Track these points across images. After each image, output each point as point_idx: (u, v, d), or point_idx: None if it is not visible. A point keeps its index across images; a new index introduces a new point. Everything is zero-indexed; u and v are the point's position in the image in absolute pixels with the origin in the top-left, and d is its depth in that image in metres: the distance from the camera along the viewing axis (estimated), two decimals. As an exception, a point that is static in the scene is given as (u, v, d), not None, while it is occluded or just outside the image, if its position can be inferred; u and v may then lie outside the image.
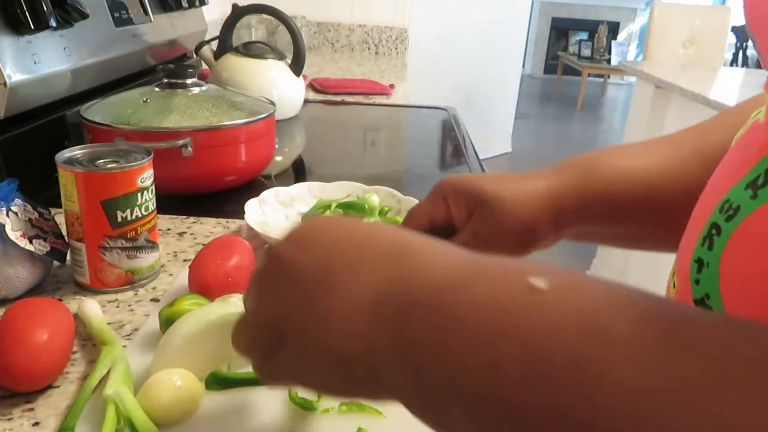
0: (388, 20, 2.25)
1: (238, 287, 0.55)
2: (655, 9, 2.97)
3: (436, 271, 0.27)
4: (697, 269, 0.31)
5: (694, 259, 0.32)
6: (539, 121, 6.02)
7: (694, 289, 0.31)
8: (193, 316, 0.45)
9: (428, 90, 2.81)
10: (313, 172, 1.03)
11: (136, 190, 0.55)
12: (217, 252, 0.55)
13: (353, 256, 0.29)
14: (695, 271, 0.31)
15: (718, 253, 0.30)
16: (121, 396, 0.40)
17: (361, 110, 1.44)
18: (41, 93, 0.79)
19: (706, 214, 0.32)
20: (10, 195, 0.54)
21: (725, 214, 0.30)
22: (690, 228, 0.36)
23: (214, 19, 1.67)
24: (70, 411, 0.41)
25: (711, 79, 2.44)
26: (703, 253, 0.31)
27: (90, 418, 0.40)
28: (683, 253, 0.35)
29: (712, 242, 0.30)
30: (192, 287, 0.54)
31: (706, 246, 0.31)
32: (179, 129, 0.75)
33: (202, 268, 0.54)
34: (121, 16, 1.02)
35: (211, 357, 0.45)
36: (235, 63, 1.18)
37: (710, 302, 0.30)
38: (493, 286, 0.25)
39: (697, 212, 0.35)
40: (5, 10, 0.71)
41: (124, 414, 0.39)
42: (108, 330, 0.49)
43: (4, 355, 0.42)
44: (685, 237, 0.36)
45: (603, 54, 7.24)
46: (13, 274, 0.53)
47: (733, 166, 0.32)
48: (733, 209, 0.30)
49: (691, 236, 0.34)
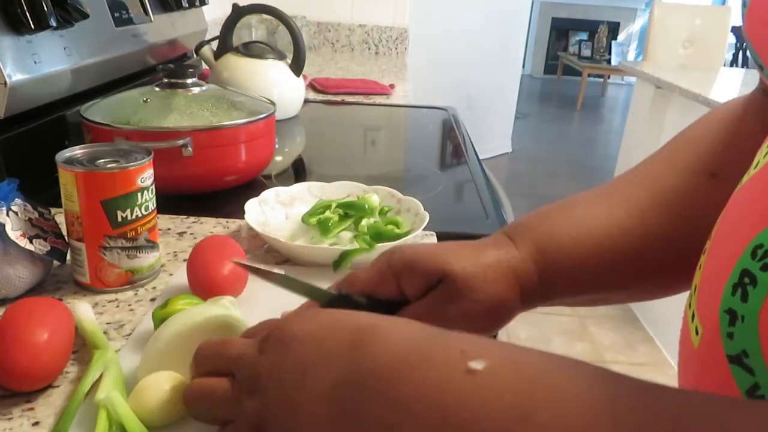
0: (388, 20, 2.25)
1: (240, 287, 0.55)
2: (655, 9, 2.97)
3: (387, 356, 0.29)
4: (729, 321, 0.29)
5: (724, 310, 0.29)
6: (539, 121, 6.02)
7: (728, 344, 0.29)
8: (181, 317, 0.45)
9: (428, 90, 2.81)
10: (313, 172, 1.03)
11: (136, 189, 0.55)
12: (218, 250, 0.55)
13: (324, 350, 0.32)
14: (726, 324, 0.29)
15: (755, 307, 0.27)
16: (113, 401, 0.40)
17: (361, 110, 1.44)
18: (41, 93, 0.79)
19: (732, 255, 0.29)
20: (10, 195, 0.54)
21: (759, 261, 0.27)
22: (710, 267, 0.33)
23: (214, 19, 1.67)
24: (62, 416, 0.40)
25: (711, 79, 2.44)
26: (735, 304, 0.28)
27: (82, 423, 0.40)
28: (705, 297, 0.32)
29: (746, 293, 0.28)
30: (195, 287, 0.54)
31: (738, 297, 0.28)
32: (179, 129, 0.75)
33: (206, 266, 0.54)
34: (121, 16, 1.02)
35: None
36: (235, 63, 1.18)
37: (749, 361, 0.27)
38: (435, 371, 0.27)
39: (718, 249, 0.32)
40: (5, 10, 0.71)
41: (116, 419, 0.39)
42: (100, 333, 0.48)
43: (4, 355, 0.42)
44: (705, 276, 0.33)
45: (603, 54, 7.24)
46: (13, 273, 0.53)
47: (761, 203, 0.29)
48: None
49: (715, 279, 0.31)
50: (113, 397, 0.40)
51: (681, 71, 2.45)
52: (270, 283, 0.44)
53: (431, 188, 0.91)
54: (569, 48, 7.92)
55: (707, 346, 0.31)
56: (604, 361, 2.15)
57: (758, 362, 0.27)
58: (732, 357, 0.28)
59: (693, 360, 0.32)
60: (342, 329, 0.33)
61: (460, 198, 0.95)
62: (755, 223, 0.29)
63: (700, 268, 0.34)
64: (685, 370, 0.34)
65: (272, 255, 0.66)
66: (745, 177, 0.33)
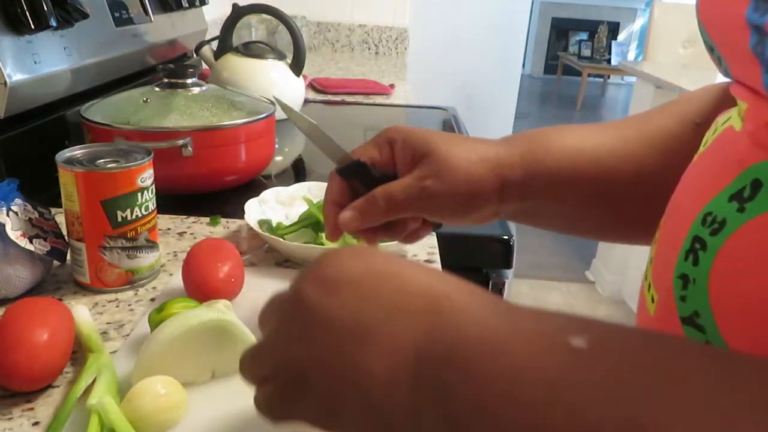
0: (388, 20, 2.25)
1: (235, 291, 0.55)
2: (655, 9, 2.97)
3: (475, 328, 0.26)
4: (682, 285, 0.30)
5: (677, 275, 0.31)
6: (539, 121, 6.02)
7: (681, 306, 0.30)
8: (175, 321, 0.44)
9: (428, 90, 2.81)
10: (313, 172, 1.02)
11: (136, 189, 0.55)
12: (213, 253, 0.55)
13: (388, 307, 0.28)
14: (680, 288, 0.30)
15: (705, 269, 0.29)
16: (105, 406, 0.39)
17: (361, 110, 1.44)
18: (41, 93, 0.79)
19: (684, 225, 0.31)
20: (10, 195, 0.54)
21: (709, 227, 0.29)
22: (665, 238, 0.34)
23: (214, 19, 1.67)
24: (53, 422, 0.40)
25: (711, 79, 2.42)
26: (687, 268, 0.30)
27: (74, 429, 0.40)
28: (660, 265, 0.34)
29: (697, 257, 0.29)
30: (191, 291, 0.54)
31: (690, 261, 0.30)
32: (179, 129, 0.75)
33: (201, 270, 0.54)
34: (121, 16, 1.02)
35: (193, 362, 0.44)
36: (235, 63, 1.18)
37: (700, 320, 0.29)
38: (534, 348, 0.24)
39: (671, 222, 0.34)
40: (5, 10, 0.71)
41: (108, 425, 0.39)
42: (96, 337, 0.48)
43: (4, 355, 0.42)
44: (659, 247, 0.35)
45: (603, 54, 7.24)
46: (13, 273, 0.53)
47: (710, 175, 0.31)
48: (717, 223, 0.29)
49: (669, 248, 0.32)
50: (105, 402, 0.40)
51: (681, 71, 2.45)
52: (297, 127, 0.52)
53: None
54: (569, 48, 7.92)
55: (662, 311, 0.32)
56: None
57: (708, 321, 0.29)
58: (685, 318, 0.30)
59: (649, 326, 0.34)
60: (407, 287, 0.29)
61: (460, 198, 0.95)
62: (704, 193, 0.30)
63: (656, 242, 0.36)
64: None
65: (272, 255, 0.66)
66: (696, 156, 0.35)
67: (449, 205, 0.46)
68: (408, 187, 0.45)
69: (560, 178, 0.46)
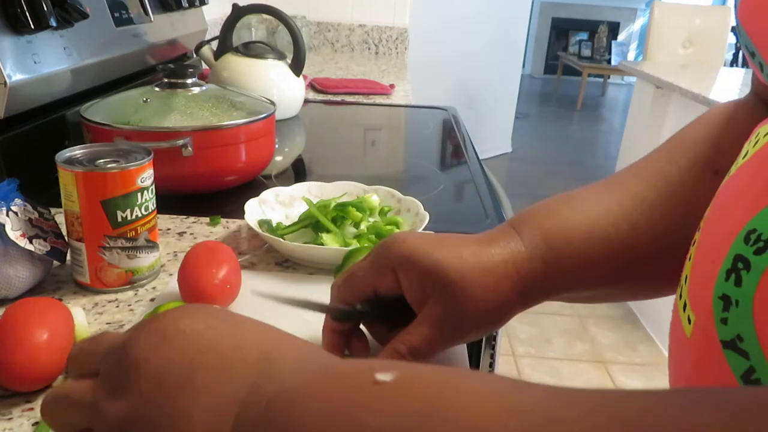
0: (388, 20, 2.25)
1: (231, 297, 0.55)
2: (655, 9, 2.97)
3: (294, 381, 0.27)
4: (723, 307, 0.28)
5: (717, 296, 0.29)
6: (539, 121, 6.02)
7: (721, 329, 0.29)
8: None
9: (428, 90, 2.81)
10: (313, 172, 1.03)
11: (136, 190, 0.55)
12: (208, 259, 0.54)
13: (219, 361, 0.28)
14: (720, 309, 0.29)
15: (749, 291, 0.27)
16: None
17: (361, 110, 1.44)
18: (41, 93, 0.79)
19: (724, 242, 0.29)
20: (10, 195, 0.54)
21: (753, 246, 0.27)
22: (701, 256, 0.33)
23: (214, 19, 1.67)
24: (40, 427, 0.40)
25: (711, 79, 2.44)
26: (728, 289, 0.28)
27: None
28: (698, 284, 0.32)
29: (740, 278, 0.28)
30: (185, 296, 0.53)
31: (731, 281, 0.28)
32: (179, 129, 0.75)
33: (196, 275, 0.53)
34: (121, 16, 1.02)
35: None
36: (235, 63, 1.18)
37: (743, 345, 0.27)
38: (342, 386, 0.26)
39: (709, 238, 0.32)
40: (5, 10, 0.71)
41: None
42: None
43: (4, 355, 0.42)
44: (696, 265, 0.33)
45: (603, 54, 7.24)
46: (13, 274, 0.53)
47: (753, 189, 0.30)
48: (762, 241, 0.27)
49: (707, 267, 0.31)
50: None
51: (681, 71, 2.45)
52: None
53: (431, 188, 0.91)
54: (569, 48, 7.93)
55: (701, 334, 0.31)
56: (604, 361, 2.15)
57: (753, 346, 0.27)
58: (726, 342, 0.28)
59: (686, 349, 0.32)
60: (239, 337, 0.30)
61: (460, 198, 0.95)
62: (747, 208, 0.29)
63: (690, 259, 0.34)
64: (678, 360, 0.34)
65: (272, 255, 0.66)
66: (733, 167, 0.34)
67: (473, 336, 0.44)
68: (430, 337, 0.42)
69: (584, 270, 0.43)
